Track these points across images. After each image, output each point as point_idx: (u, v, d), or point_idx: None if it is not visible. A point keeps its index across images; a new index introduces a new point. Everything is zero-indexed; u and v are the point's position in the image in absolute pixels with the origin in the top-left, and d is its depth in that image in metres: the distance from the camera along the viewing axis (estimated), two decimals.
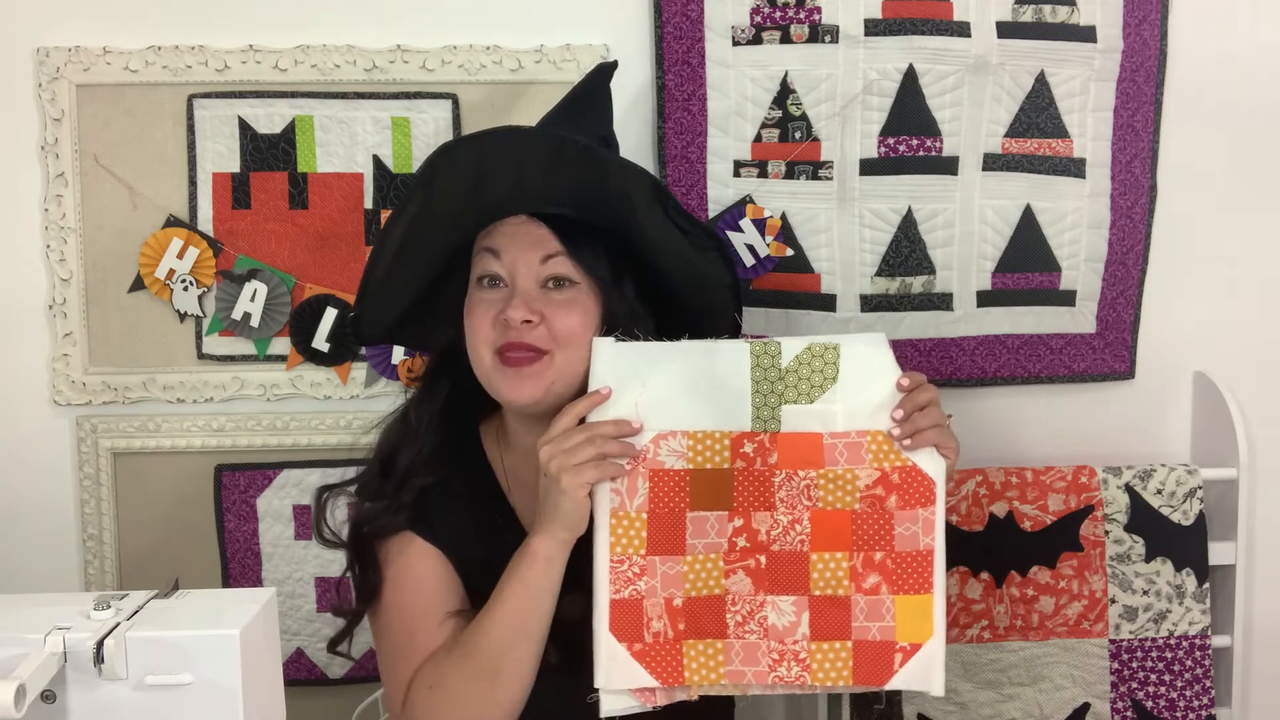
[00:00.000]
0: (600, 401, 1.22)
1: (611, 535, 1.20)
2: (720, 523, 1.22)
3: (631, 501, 1.21)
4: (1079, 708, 1.76)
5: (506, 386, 1.28)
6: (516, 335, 1.26)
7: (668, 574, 1.21)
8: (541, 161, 1.28)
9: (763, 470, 1.23)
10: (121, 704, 0.93)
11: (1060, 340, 1.84)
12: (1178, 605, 1.76)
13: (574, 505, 1.18)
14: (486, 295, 1.30)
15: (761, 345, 1.24)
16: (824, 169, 1.75)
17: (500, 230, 1.31)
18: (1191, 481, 1.77)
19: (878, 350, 1.25)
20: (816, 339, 1.24)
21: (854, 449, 1.23)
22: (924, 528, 1.22)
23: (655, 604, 1.21)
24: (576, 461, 1.17)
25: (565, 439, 1.19)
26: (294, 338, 1.74)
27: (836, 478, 1.23)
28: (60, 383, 1.72)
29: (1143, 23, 1.78)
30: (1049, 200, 1.80)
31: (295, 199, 1.72)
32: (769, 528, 1.22)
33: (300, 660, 1.79)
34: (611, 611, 1.20)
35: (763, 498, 1.23)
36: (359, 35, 1.71)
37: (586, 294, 1.30)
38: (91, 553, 1.75)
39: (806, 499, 1.22)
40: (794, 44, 1.72)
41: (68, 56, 1.67)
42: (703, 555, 1.22)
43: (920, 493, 1.22)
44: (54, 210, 1.70)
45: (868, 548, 1.22)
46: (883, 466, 1.22)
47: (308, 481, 1.76)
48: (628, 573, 1.20)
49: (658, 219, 1.30)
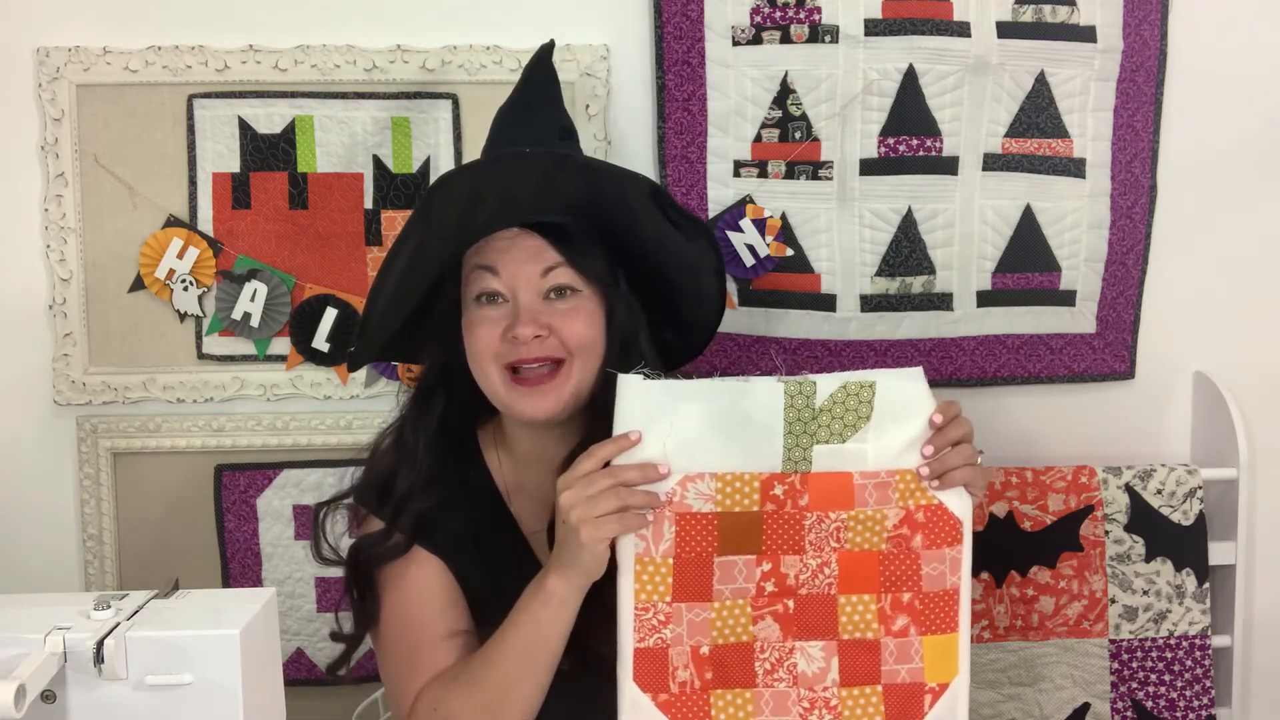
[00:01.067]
0: (628, 447, 1.15)
1: (636, 582, 1.16)
2: (749, 567, 1.18)
3: (657, 547, 1.16)
4: (1079, 708, 1.76)
5: (524, 405, 1.27)
6: (527, 351, 1.25)
7: (694, 621, 1.17)
8: (536, 180, 1.27)
9: (793, 513, 1.18)
10: (121, 704, 0.93)
11: (1060, 340, 1.84)
12: (1178, 605, 1.76)
13: (592, 557, 1.14)
14: (488, 312, 1.28)
15: (796, 385, 1.17)
16: (824, 169, 1.75)
17: (494, 246, 1.29)
18: (1191, 481, 1.77)
19: (913, 385, 1.19)
20: (852, 376, 1.18)
21: (882, 489, 1.18)
22: (950, 567, 1.19)
23: (681, 653, 1.17)
24: (598, 513, 1.12)
25: (588, 485, 1.13)
26: (294, 338, 1.74)
27: (866, 519, 1.19)
28: (60, 383, 1.72)
29: (1143, 23, 1.78)
30: (1049, 200, 1.80)
31: (295, 199, 1.72)
32: (798, 571, 1.18)
33: (300, 660, 1.79)
34: (636, 661, 1.16)
35: (793, 541, 1.18)
36: (359, 35, 1.71)
37: (589, 298, 1.30)
38: (91, 553, 1.75)
39: (835, 541, 1.19)
40: (794, 44, 1.72)
41: (68, 56, 1.67)
42: (730, 601, 1.18)
43: (946, 532, 1.19)
44: (54, 210, 1.70)
45: (895, 589, 1.19)
46: (908, 505, 1.18)
47: (308, 481, 1.76)
48: (652, 620, 1.16)
49: (656, 220, 1.30)
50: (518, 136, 1.34)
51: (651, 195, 1.29)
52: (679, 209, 1.32)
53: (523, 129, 1.34)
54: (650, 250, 1.33)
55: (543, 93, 1.37)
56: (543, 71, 1.38)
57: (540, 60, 1.39)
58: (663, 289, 1.37)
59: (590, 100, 1.72)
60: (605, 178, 1.28)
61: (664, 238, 1.31)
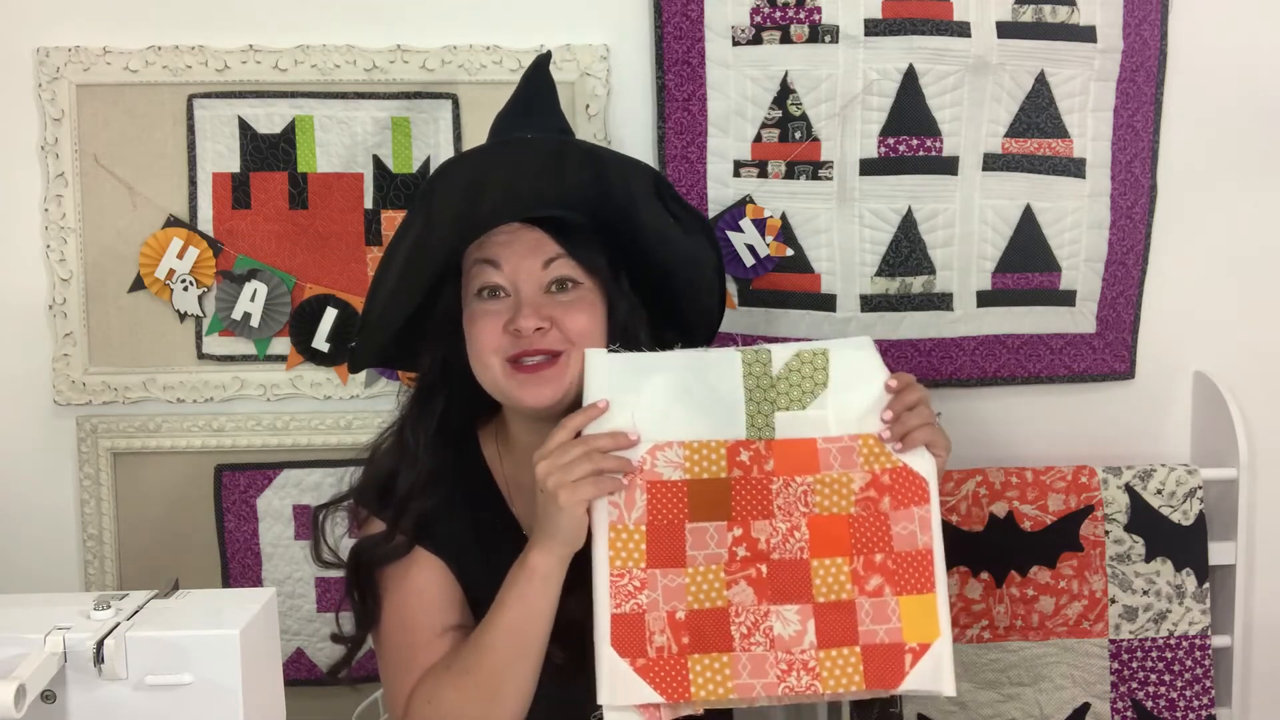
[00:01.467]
0: (597, 415, 1.20)
1: (611, 549, 1.19)
2: (720, 533, 1.21)
3: (630, 514, 1.19)
4: (1079, 708, 1.76)
5: (524, 392, 1.27)
6: (529, 343, 1.26)
7: (669, 587, 1.19)
8: (538, 167, 1.27)
9: (760, 478, 1.22)
10: (121, 704, 0.93)
11: (1060, 340, 1.84)
12: (1178, 605, 1.76)
13: (571, 522, 1.17)
14: (490, 306, 1.29)
15: (753, 353, 1.23)
16: (824, 169, 1.75)
17: (494, 240, 1.29)
18: (1191, 481, 1.77)
19: (865, 354, 1.25)
20: (805, 345, 1.24)
21: (847, 453, 1.22)
22: (920, 526, 1.21)
23: (658, 618, 1.19)
24: (573, 478, 1.16)
25: (562, 454, 1.17)
26: (294, 338, 1.74)
27: (832, 482, 1.22)
28: (60, 383, 1.72)
29: (1143, 23, 1.78)
30: (1049, 200, 1.80)
31: (295, 199, 1.72)
32: (768, 536, 1.21)
33: (300, 660, 1.79)
34: (613, 627, 1.18)
35: (761, 506, 1.22)
36: (359, 35, 1.71)
37: (590, 291, 1.30)
38: (91, 553, 1.75)
39: (804, 505, 1.22)
40: (794, 44, 1.72)
41: (68, 56, 1.67)
42: (704, 567, 1.21)
43: (913, 492, 1.22)
44: (54, 210, 1.70)
45: (867, 550, 1.21)
46: (873, 469, 1.22)
47: (308, 481, 1.76)
48: (628, 586, 1.19)
49: (658, 211, 1.30)
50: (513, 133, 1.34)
51: (654, 185, 1.29)
52: (680, 201, 1.33)
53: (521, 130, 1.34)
54: (651, 244, 1.33)
55: (541, 98, 1.38)
56: (540, 78, 1.39)
57: (538, 68, 1.39)
58: (663, 287, 1.37)
59: (590, 100, 1.72)
60: (609, 164, 1.28)
61: (664, 230, 1.32)
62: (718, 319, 1.45)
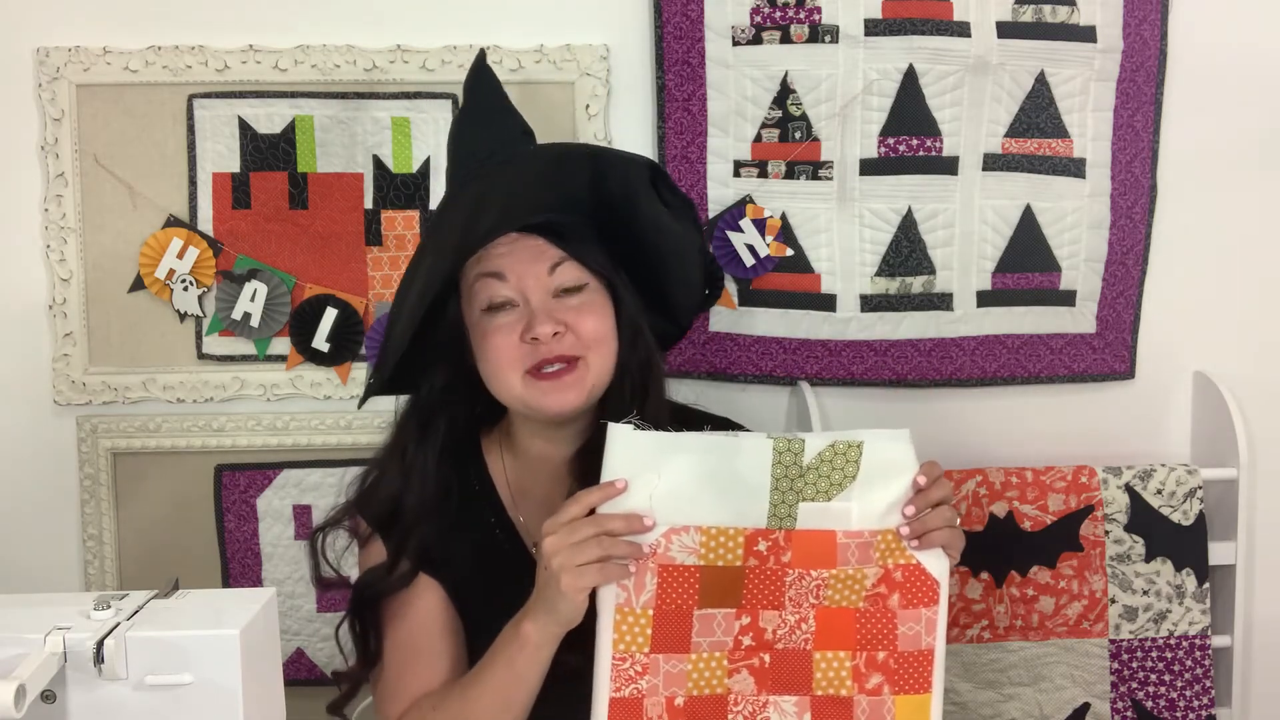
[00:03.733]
0: (614, 495, 1.14)
1: (615, 632, 1.16)
2: (727, 620, 1.18)
3: (638, 598, 1.16)
4: (1079, 708, 1.76)
5: (548, 400, 1.27)
6: (549, 350, 1.25)
7: (670, 673, 1.18)
8: (538, 177, 1.27)
9: (775, 569, 1.18)
10: (121, 704, 0.93)
11: (1060, 340, 1.84)
12: (1178, 605, 1.76)
13: (570, 606, 1.13)
14: (500, 320, 1.27)
15: (785, 442, 1.17)
16: (824, 169, 1.75)
17: (494, 253, 1.28)
18: (1191, 481, 1.77)
19: (900, 446, 1.19)
20: (841, 436, 1.18)
21: (864, 548, 1.19)
22: (926, 627, 1.19)
23: (656, 703, 1.17)
24: (579, 562, 1.12)
25: (571, 532, 1.12)
26: (294, 338, 1.74)
27: (847, 578, 1.19)
28: (60, 383, 1.72)
29: (1143, 23, 1.78)
30: (1049, 200, 1.80)
31: (295, 199, 1.72)
32: (776, 626, 1.19)
33: (300, 660, 1.79)
34: (611, 710, 1.17)
35: (773, 596, 1.19)
36: (359, 35, 1.71)
37: (597, 291, 1.30)
38: (91, 553, 1.75)
39: (814, 597, 1.19)
40: (794, 44, 1.72)
41: (68, 56, 1.67)
42: (707, 653, 1.19)
43: (923, 592, 1.19)
44: (54, 210, 1.70)
45: (871, 647, 1.20)
46: (886, 564, 1.19)
47: (308, 481, 1.76)
48: (629, 671, 1.17)
49: (652, 201, 1.30)
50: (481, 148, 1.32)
51: (650, 174, 1.30)
52: (672, 188, 1.33)
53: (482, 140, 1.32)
54: (648, 232, 1.33)
55: (492, 101, 1.36)
56: (485, 81, 1.37)
57: (479, 69, 1.37)
58: (653, 273, 1.37)
59: (590, 100, 1.72)
60: (609, 163, 1.28)
61: (659, 219, 1.32)
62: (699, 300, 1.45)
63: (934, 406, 1.83)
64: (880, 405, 1.82)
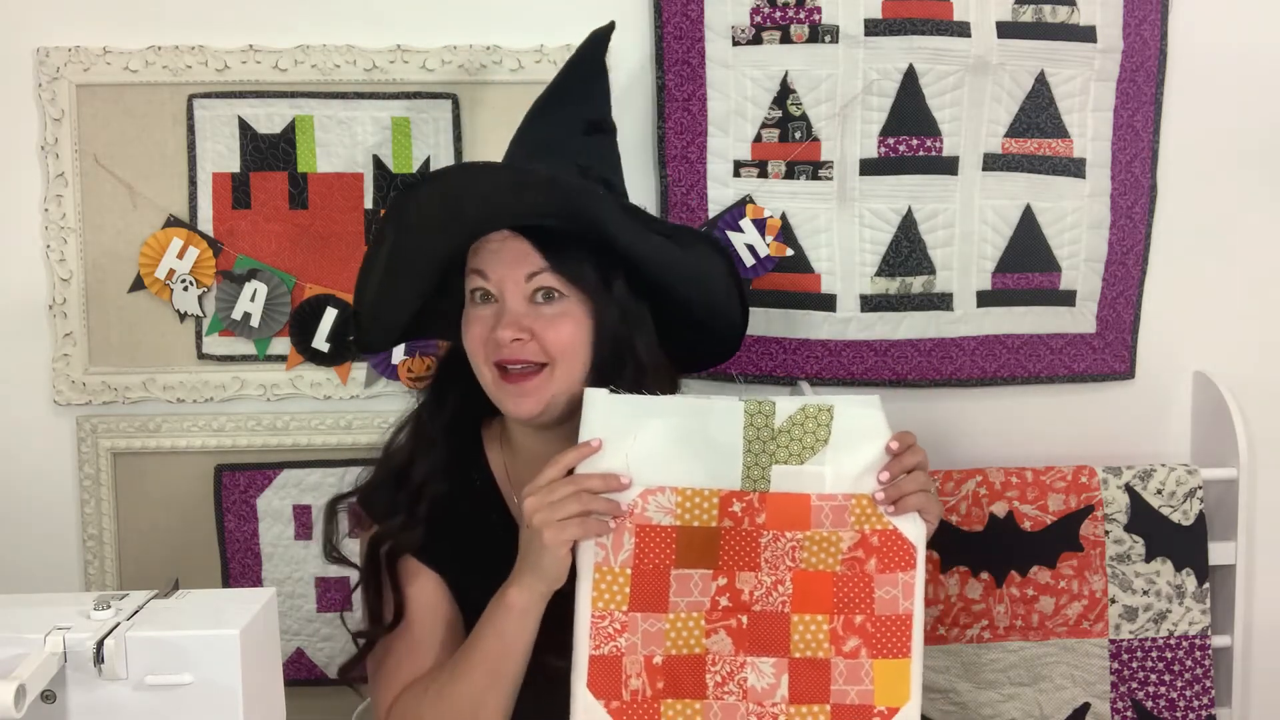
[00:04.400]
0: (590, 454, 1.18)
1: (594, 590, 1.18)
2: (704, 581, 1.21)
3: (616, 557, 1.19)
4: (1079, 708, 1.76)
5: (509, 402, 1.28)
6: (510, 352, 1.26)
7: (649, 631, 1.20)
8: (507, 190, 1.27)
9: (750, 530, 1.21)
10: (121, 704, 0.93)
11: (1060, 340, 1.84)
12: (1178, 605, 1.76)
13: (554, 561, 1.16)
14: (480, 311, 1.29)
15: (756, 404, 1.20)
16: (824, 169, 1.75)
17: (486, 248, 1.29)
18: (1191, 481, 1.77)
19: (871, 413, 1.22)
20: (811, 400, 1.22)
21: (839, 511, 1.21)
22: (904, 591, 1.21)
23: (635, 661, 1.19)
24: (560, 516, 1.15)
25: (550, 492, 1.16)
26: (294, 338, 1.74)
27: (821, 540, 1.21)
28: (60, 383, 1.72)
29: (1143, 23, 1.78)
30: (1049, 200, 1.80)
31: (295, 199, 1.72)
32: (752, 588, 1.21)
33: (300, 660, 1.79)
34: (590, 667, 1.18)
35: (748, 558, 1.21)
36: (359, 35, 1.71)
37: (575, 304, 1.29)
38: (91, 553, 1.75)
39: (790, 560, 1.21)
40: (794, 44, 1.72)
41: (68, 56, 1.67)
42: (685, 613, 1.21)
43: (900, 557, 1.21)
44: (54, 210, 1.70)
45: (848, 610, 1.21)
46: (863, 529, 1.21)
47: (308, 481, 1.76)
48: (609, 629, 1.19)
49: (635, 230, 1.28)
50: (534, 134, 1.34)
51: (620, 210, 1.28)
52: (666, 224, 1.32)
53: (542, 127, 1.34)
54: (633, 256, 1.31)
55: (575, 87, 1.36)
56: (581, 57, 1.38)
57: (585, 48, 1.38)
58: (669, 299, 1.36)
59: None
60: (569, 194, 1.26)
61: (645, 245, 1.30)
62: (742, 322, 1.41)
63: (934, 406, 1.83)
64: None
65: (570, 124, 1.34)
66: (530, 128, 1.36)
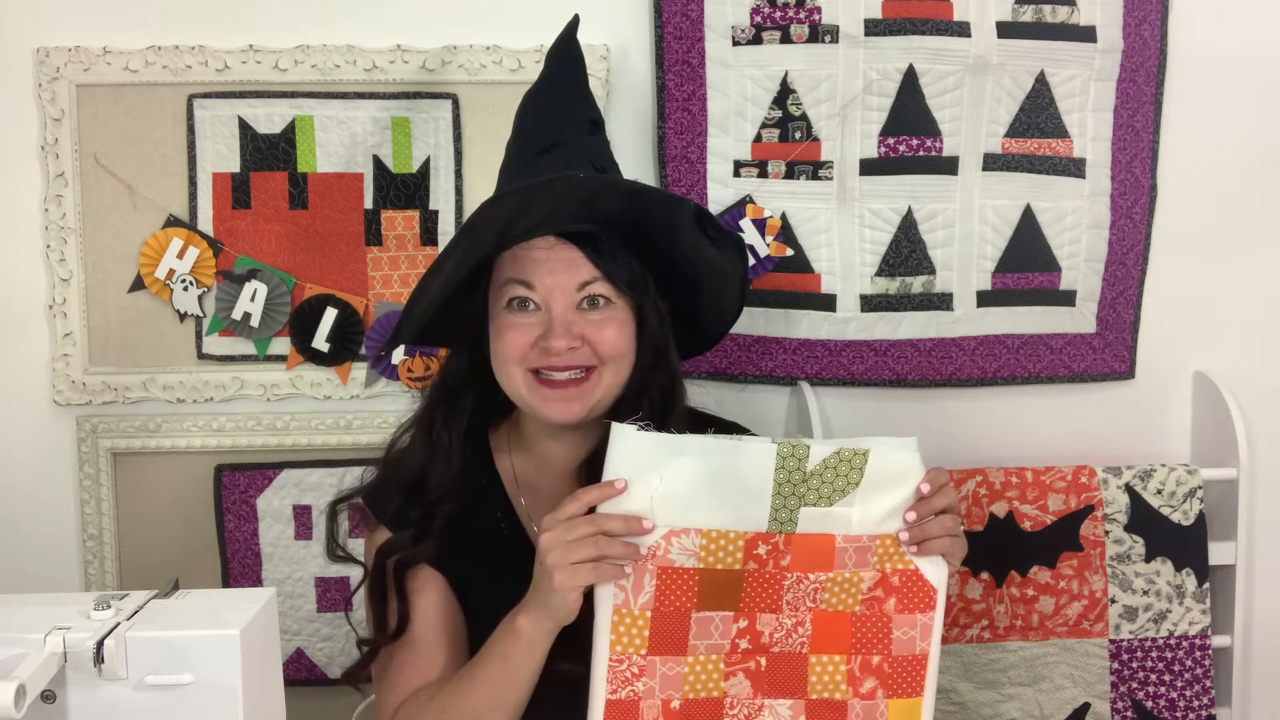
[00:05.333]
0: (613, 495, 1.14)
1: (613, 633, 1.16)
2: (725, 623, 1.18)
3: (636, 599, 1.15)
4: (1079, 708, 1.76)
5: (550, 408, 1.27)
6: (560, 361, 1.25)
7: (667, 675, 1.18)
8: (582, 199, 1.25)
9: (774, 572, 1.18)
10: (121, 704, 0.93)
11: (1060, 340, 1.84)
12: (1178, 605, 1.76)
13: (563, 603, 1.13)
14: (519, 319, 1.27)
15: (790, 447, 1.16)
16: (824, 169, 1.75)
17: (529, 257, 1.27)
18: (1191, 481, 1.77)
19: (906, 455, 1.18)
20: (847, 443, 1.17)
21: (862, 552, 1.19)
22: (921, 633, 1.20)
23: (652, 705, 1.17)
24: (574, 560, 1.11)
25: (568, 530, 1.12)
26: (294, 338, 1.74)
27: (844, 581, 1.19)
28: (60, 383, 1.72)
29: (1143, 23, 1.78)
30: (1049, 200, 1.80)
31: (295, 199, 1.72)
32: (773, 630, 1.19)
33: (300, 660, 1.79)
34: (607, 712, 1.17)
35: (770, 600, 1.19)
36: (359, 35, 1.71)
37: (622, 309, 1.29)
38: (91, 553, 1.75)
39: (811, 601, 1.19)
40: (794, 44, 1.72)
41: (68, 56, 1.67)
42: (704, 656, 1.19)
43: (920, 598, 1.20)
44: (54, 210, 1.70)
45: (866, 651, 1.20)
46: (884, 568, 1.19)
47: (308, 481, 1.76)
48: (626, 672, 1.16)
49: (696, 238, 1.29)
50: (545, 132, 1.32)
51: (695, 216, 1.28)
52: (718, 227, 1.32)
53: (549, 124, 1.33)
54: (686, 261, 1.32)
55: (569, 84, 1.35)
56: (567, 56, 1.36)
57: (566, 40, 1.36)
58: (687, 293, 1.37)
59: None
60: (653, 202, 1.27)
61: (701, 249, 1.31)
62: (731, 321, 1.44)
63: (934, 406, 1.83)
64: (880, 405, 1.82)
65: (578, 123, 1.33)
66: (537, 125, 1.34)
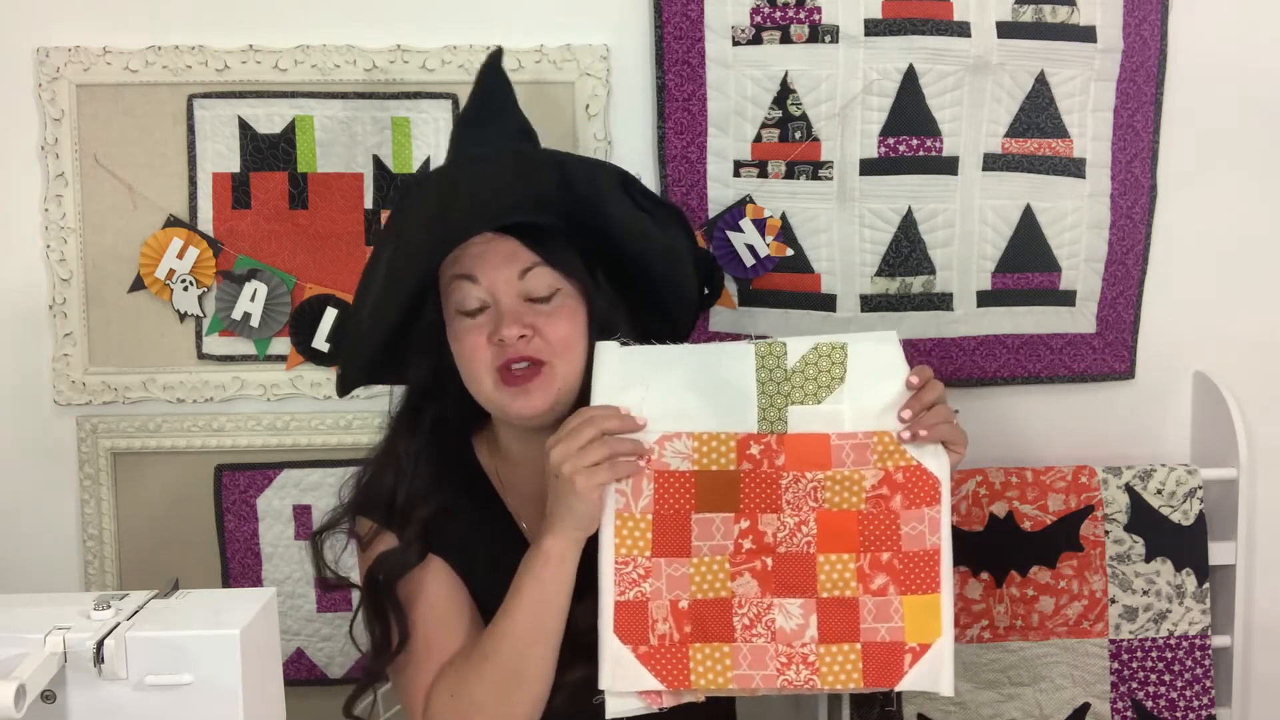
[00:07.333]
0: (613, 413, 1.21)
1: (616, 537, 1.19)
2: (726, 525, 1.21)
3: (636, 503, 1.19)
4: (1079, 708, 1.76)
5: (514, 405, 1.27)
6: (515, 351, 1.26)
7: (673, 576, 1.20)
8: (506, 179, 1.27)
9: (770, 472, 1.21)
10: (121, 704, 0.93)
11: (1060, 340, 1.84)
12: (1178, 605, 1.76)
13: (587, 506, 1.18)
14: (471, 323, 1.29)
15: (766, 346, 1.22)
16: (824, 169, 1.75)
17: (469, 254, 1.29)
18: (1191, 481, 1.77)
19: (887, 348, 1.23)
20: (823, 338, 1.22)
21: (860, 450, 1.21)
22: (930, 527, 1.20)
23: (661, 606, 1.19)
24: (589, 462, 1.16)
25: (574, 438, 1.17)
26: (294, 338, 1.74)
27: (843, 479, 1.21)
28: (60, 383, 1.72)
29: (1143, 23, 1.78)
30: (1049, 200, 1.80)
31: (295, 199, 1.72)
32: (775, 530, 1.21)
33: (300, 660, 1.79)
34: (616, 613, 1.19)
35: (769, 500, 1.21)
36: (359, 35, 1.71)
37: (570, 296, 1.30)
38: (91, 553, 1.75)
39: (813, 500, 1.21)
40: (794, 44, 1.72)
41: (68, 56, 1.67)
42: (708, 557, 1.21)
43: (925, 492, 1.21)
44: (54, 210, 1.70)
45: (874, 548, 1.21)
46: (886, 466, 1.21)
47: (308, 481, 1.76)
48: (632, 574, 1.19)
49: (626, 206, 1.30)
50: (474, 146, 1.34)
51: (621, 182, 1.30)
52: (649, 194, 1.33)
53: (480, 138, 1.34)
54: (625, 239, 1.32)
55: (498, 101, 1.37)
56: (495, 79, 1.38)
57: (489, 69, 1.38)
58: (642, 279, 1.37)
59: (590, 100, 1.72)
60: (573, 166, 1.28)
61: (636, 224, 1.32)
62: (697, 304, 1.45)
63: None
64: None
65: (503, 132, 1.35)
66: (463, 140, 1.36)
